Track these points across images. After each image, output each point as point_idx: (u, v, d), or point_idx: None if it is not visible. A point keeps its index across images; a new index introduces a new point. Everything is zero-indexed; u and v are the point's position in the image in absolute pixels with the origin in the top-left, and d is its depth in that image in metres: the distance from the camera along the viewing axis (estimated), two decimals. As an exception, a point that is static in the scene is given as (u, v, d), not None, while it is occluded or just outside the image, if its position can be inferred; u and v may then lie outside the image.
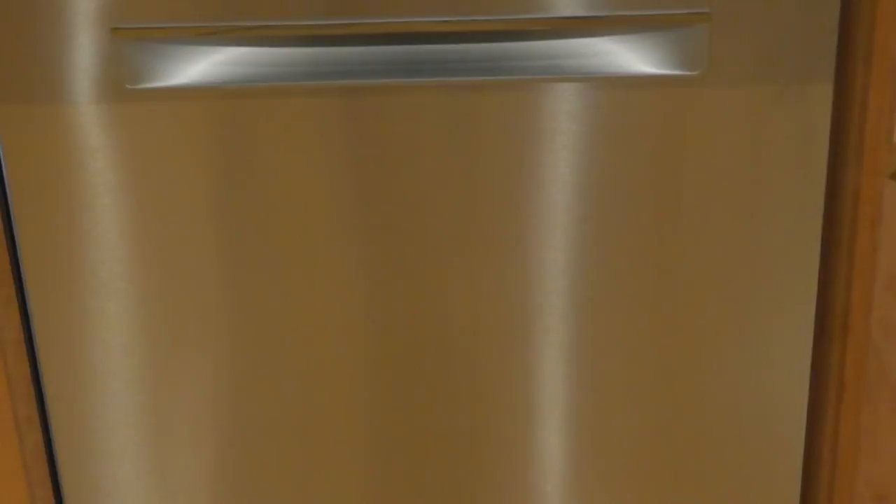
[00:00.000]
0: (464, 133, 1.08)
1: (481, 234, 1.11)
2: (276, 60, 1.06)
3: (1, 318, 1.15)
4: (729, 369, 1.17)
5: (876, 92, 1.05)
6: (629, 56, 1.05)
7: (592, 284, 1.13)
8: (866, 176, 1.09)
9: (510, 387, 1.17)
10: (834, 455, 1.20)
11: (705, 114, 1.06)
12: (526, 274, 1.13)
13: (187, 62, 1.05)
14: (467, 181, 1.10)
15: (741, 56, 1.04)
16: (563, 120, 1.07)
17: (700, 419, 1.19)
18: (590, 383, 1.17)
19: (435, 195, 1.10)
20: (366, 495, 1.22)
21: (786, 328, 1.15)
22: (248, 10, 1.03)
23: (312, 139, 1.08)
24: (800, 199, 1.10)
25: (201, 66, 1.06)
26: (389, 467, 1.21)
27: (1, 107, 1.05)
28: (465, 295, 1.14)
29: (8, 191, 1.09)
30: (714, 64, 1.03)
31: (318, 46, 1.06)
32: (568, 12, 1.03)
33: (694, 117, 1.06)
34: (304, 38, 1.06)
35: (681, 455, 1.20)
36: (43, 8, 1.02)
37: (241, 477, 1.21)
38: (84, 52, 1.03)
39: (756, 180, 1.09)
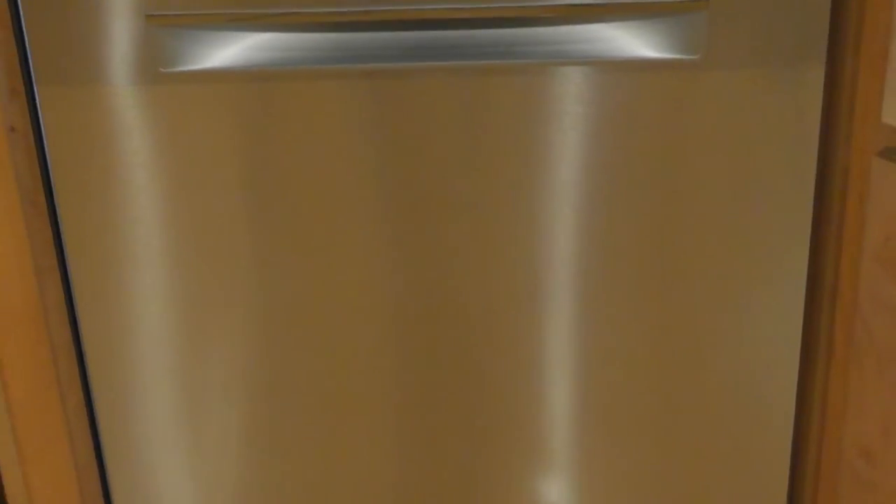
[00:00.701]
0: (477, 113, 1.08)
1: (494, 208, 1.11)
2: (302, 45, 1.06)
3: (44, 285, 1.15)
4: (725, 334, 1.17)
5: (865, 75, 1.05)
6: (632, 41, 1.06)
7: (597, 252, 1.13)
8: (855, 154, 1.09)
9: (519, 346, 1.18)
10: (823, 414, 1.21)
11: (704, 95, 1.06)
12: (535, 243, 1.13)
13: (218, 47, 1.06)
14: (480, 159, 1.10)
15: (738, 41, 1.04)
16: (570, 102, 1.07)
17: (697, 380, 1.18)
18: (594, 344, 1.17)
19: (450, 171, 1.10)
20: (384, 444, 1.23)
21: (778, 296, 1.15)
22: (275, -1, 1.03)
23: (335, 119, 1.08)
24: (792, 175, 1.10)
25: (231, 50, 1.06)
26: (407, 420, 1.21)
27: (43, 88, 1.05)
28: (479, 264, 1.14)
29: (50, 166, 1.09)
30: (712, 48, 1.04)
31: (340, 32, 1.06)
32: (574, 0, 1.03)
33: (693, 99, 1.06)
34: (327, 25, 1.05)
35: (679, 411, 1.20)
36: (83, -3, 1.02)
37: (269, 428, 1.22)
38: (120, 37, 1.04)
39: (751, 158, 1.09)
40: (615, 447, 1.23)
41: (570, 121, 1.07)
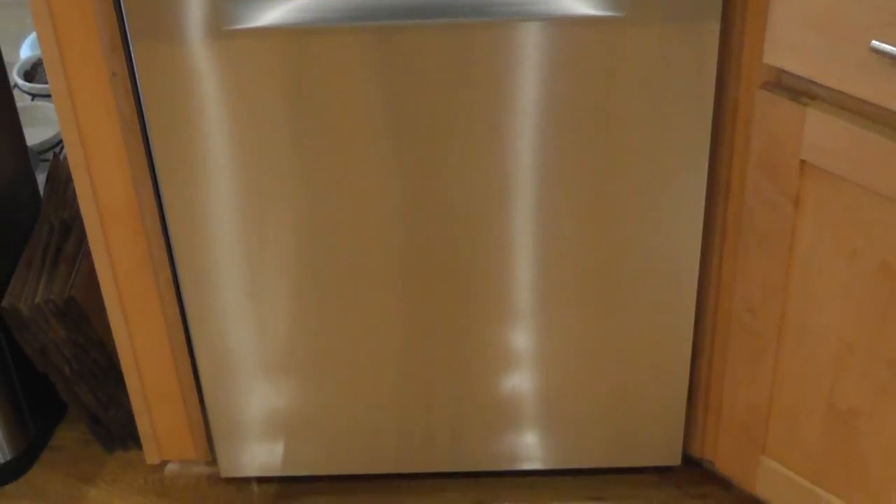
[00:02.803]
0: (461, 57, 1.18)
1: (473, 128, 1.23)
2: (328, 7, 1.16)
3: (139, 190, 1.29)
4: (646, 221, 1.29)
5: (750, 28, 1.17)
6: (576, 2, 1.16)
7: (551, 160, 1.24)
8: (743, 86, 1.20)
9: (494, 229, 1.29)
10: (719, 280, 1.35)
11: (629, 43, 1.18)
12: (505, 153, 1.24)
13: (266, 10, 1.16)
14: (464, 91, 1.20)
15: (654, 2, 1.15)
16: (530, 48, 1.18)
17: (626, 257, 1.31)
18: (548, 227, 1.29)
19: (440, 100, 1.21)
20: (394, 299, 1.33)
21: (685, 192, 1.28)
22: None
23: (353, 61, 1.19)
24: (696, 103, 1.21)
25: (275, 13, 1.16)
26: (411, 285, 1.33)
27: (136, 43, 1.17)
28: (464, 170, 1.25)
29: (143, 102, 1.22)
30: (636, 7, 1.15)
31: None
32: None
33: (621, 46, 1.18)
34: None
35: (613, 280, 1.32)
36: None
37: (312, 291, 1.33)
38: (194, 4, 1.15)
39: (665, 90, 1.20)
40: (564, 305, 1.37)
41: (529, 63, 1.19)
